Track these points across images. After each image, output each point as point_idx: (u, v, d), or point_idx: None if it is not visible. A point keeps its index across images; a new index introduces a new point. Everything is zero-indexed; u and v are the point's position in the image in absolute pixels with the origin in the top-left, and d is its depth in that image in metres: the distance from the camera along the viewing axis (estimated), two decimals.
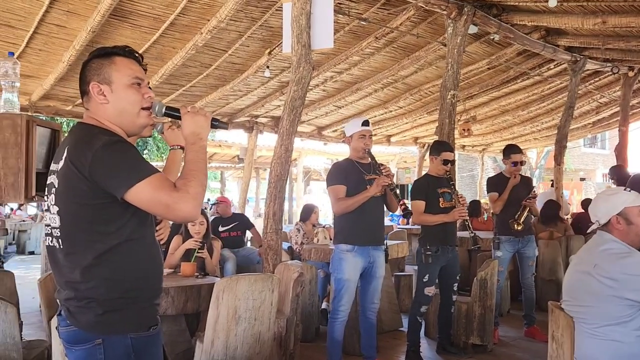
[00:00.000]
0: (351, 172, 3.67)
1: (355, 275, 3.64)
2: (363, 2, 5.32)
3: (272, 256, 4.10)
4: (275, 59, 6.29)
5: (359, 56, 6.68)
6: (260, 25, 5.47)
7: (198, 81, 6.81)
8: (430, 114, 9.20)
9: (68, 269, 1.54)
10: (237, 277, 3.01)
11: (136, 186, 1.46)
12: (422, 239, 4.11)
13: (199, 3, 4.88)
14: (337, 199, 3.64)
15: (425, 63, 7.11)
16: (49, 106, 7.21)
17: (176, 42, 5.59)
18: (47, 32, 5.12)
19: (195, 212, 1.51)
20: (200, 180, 1.54)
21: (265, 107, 8.39)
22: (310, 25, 4.10)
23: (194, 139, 1.64)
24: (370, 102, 8.71)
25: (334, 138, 10.55)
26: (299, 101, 4.12)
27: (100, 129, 1.58)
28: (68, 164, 1.51)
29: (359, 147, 3.71)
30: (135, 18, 5.01)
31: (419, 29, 6.00)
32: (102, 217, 1.51)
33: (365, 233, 3.62)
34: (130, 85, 1.63)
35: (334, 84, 7.69)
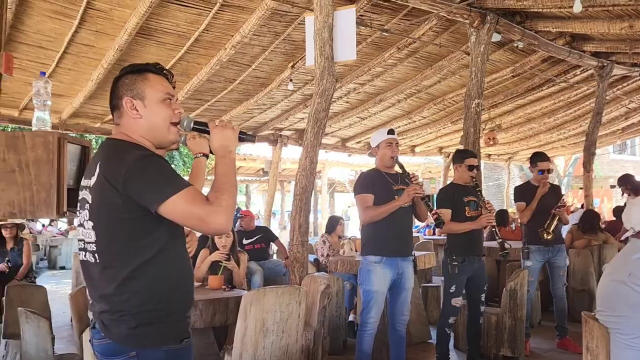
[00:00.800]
0: (379, 182, 3.65)
1: (384, 287, 3.60)
2: (385, 14, 5.34)
3: (299, 268, 4.10)
4: (298, 72, 6.34)
5: (382, 67, 6.68)
6: (283, 39, 5.52)
7: (223, 96, 6.90)
8: (455, 124, 9.12)
9: (103, 282, 1.57)
10: (264, 290, 3.02)
11: (170, 200, 1.48)
12: (448, 250, 4.06)
13: (222, 19, 4.96)
14: (365, 207, 3.62)
15: (448, 72, 7.08)
16: (79, 124, 7.39)
17: (201, 58, 5.69)
18: (76, 52, 5.26)
19: (228, 224, 1.54)
20: (231, 192, 1.57)
21: (289, 120, 8.44)
22: (332, 38, 4.13)
23: (223, 152, 1.66)
24: (394, 112, 8.69)
25: (358, 149, 10.54)
26: (322, 113, 4.14)
27: (131, 144, 1.62)
28: (102, 179, 1.54)
29: (385, 156, 3.70)
30: (161, 35, 5.12)
31: (442, 39, 5.98)
32: (136, 231, 1.54)
33: (394, 244, 3.59)
34: (162, 100, 1.67)
35: (357, 95, 7.70)
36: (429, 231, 9.69)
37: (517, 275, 4.31)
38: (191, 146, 2.11)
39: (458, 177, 4.14)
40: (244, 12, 4.89)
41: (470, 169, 4.03)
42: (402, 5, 5.06)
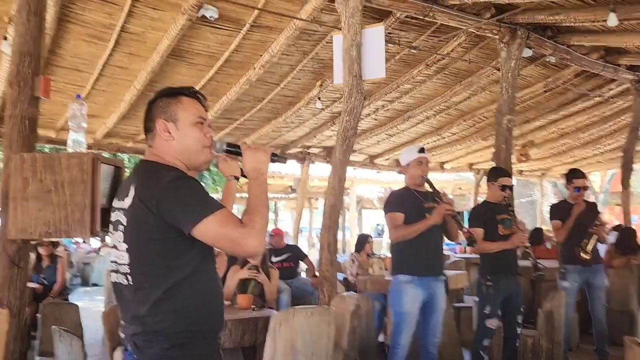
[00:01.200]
0: (409, 201, 3.60)
1: (415, 308, 3.52)
2: (413, 31, 5.33)
3: (328, 288, 4.06)
4: (326, 90, 6.36)
5: (410, 84, 6.66)
6: (311, 58, 5.57)
7: (252, 115, 6.97)
8: (486, 140, 8.99)
9: (136, 304, 1.57)
10: (293, 311, 2.99)
11: (203, 221, 1.48)
12: (481, 269, 3.96)
13: (251, 40, 5.03)
14: (396, 226, 3.57)
15: (478, 88, 7.00)
16: (112, 143, 7.55)
17: (230, 78, 5.77)
18: (110, 74, 5.40)
19: (261, 247, 1.54)
20: (264, 214, 1.58)
21: (317, 137, 8.46)
22: (361, 56, 4.13)
23: (256, 174, 1.67)
24: (423, 129, 8.63)
25: (387, 166, 10.48)
26: (351, 131, 4.12)
27: (165, 166, 1.63)
28: (136, 200, 1.55)
29: (416, 175, 3.64)
30: (192, 57, 5.22)
31: (471, 55, 5.93)
32: (170, 252, 1.54)
33: (425, 263, 3.51)
34: (194, 123, 1.68)
35: (386, 112, 7.68)
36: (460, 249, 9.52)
37: (554, 296, 4.17)
38: (222, 168, 2.13)
39: (491, 195, 4.06)
40: (272, 32, 4.95)
41: (503, 188, 3.94)
42: (431, 22, 5.05)
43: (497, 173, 4.08)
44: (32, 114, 3.01)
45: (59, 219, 2.75)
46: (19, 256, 2.92)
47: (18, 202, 2.78)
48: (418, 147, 3.75)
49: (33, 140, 3.03)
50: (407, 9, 4.53)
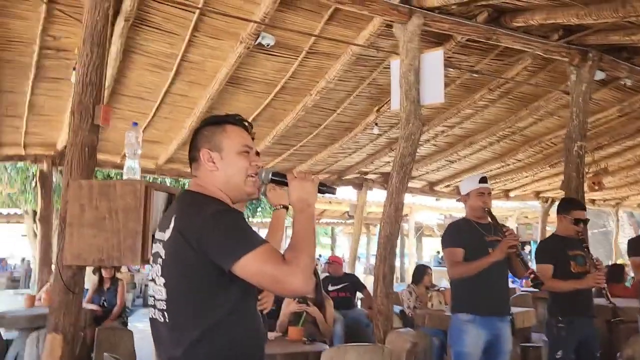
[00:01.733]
0: (470, 233, 3.37)
1: (477, 349, 3.26)
2: (474, 55, 5.14)
3: (383, 322, 3.88)
4: (383, 115, 6.25)
5: (472, 109, 6.43)
6: (369, 83, 5.49)
7: (308, 141, 6.95)
8: (553, 167, 8.53)
9: (171, 344, 1.49)
10: (345, 348, 2.85)
11: (244, 258, 1.40)
12: (552, 309, 3.64)
13: (308, 66, 5.02)
14: (454, 262, 3.35)
15: (545, 113, 6.66)
16: (173, 169, 7.75)
17: (287, 104, 5.78)
18: (171, 102, 5.54)
19: (306, 286, 1.42)
20: (309, 251, 1.47)
21: (375, 163, 8.33)
22: (419, 81, 4.01)
23: (302, 206, 1.57)
24: (485, 155, 8.30)
25: (447, 193, 10.17)
26: (408, 158, 3.98)
27: (208, 197, 1.57)
28: (176, 233, 1.49)
29: (477, 206, 3.42)
30: (249, 84, 5.27)
31: (538, 78, 5.65)
32: (209, 289, 1.46)
33: (489, 302, 3.26)
34: (239, 153, 1.62)
35: (446, 138, 7.46)
36: (527, 282, 8.99)
37: (636, 340, 3.77)
38: (271, 198, 2.09)
39: (562, 228, 3.74)
40: (329, 58, 4.92)
41: (576, 222, 3.62)
42: (494, 46, 4.85)
43: (570, 205, 3.78)
44: (91, 142, 3.08)
45: (111, 246, 2.77)
46: (73, 282, 2.95)
47: (74, 228, 2.83)
48: (479, 176, 3.53)
49: (92, 166, 3.09)
50: (468, 33, 4.37)
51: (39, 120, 6.01)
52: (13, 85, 5.12)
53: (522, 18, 4.25)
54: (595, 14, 3.86)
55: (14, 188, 9.40)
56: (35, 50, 4.50)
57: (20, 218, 15.54)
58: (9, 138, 6.53)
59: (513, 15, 4.30)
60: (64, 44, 4.47)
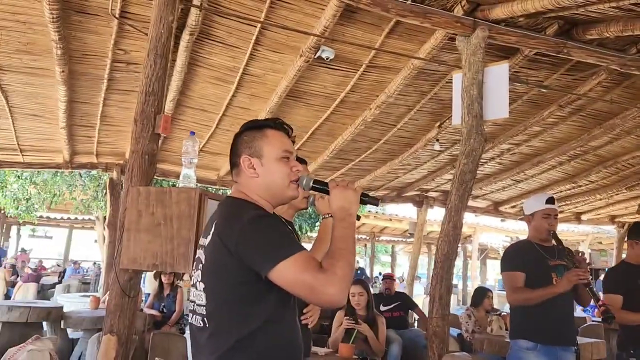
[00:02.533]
0: (532, 256, 3.16)
1: None
2: (544, 69, 4.91)
3: (438, 345, 3.71)
4: (445, 131, 6.09)
5: (540, 126, 6.13)
6: (430, 98, 5.37)
7: (367, 155, 6.89)
8: (631, 190, 7.99)
9: (208, 351, 1.47)
10: None
11: (280, 265, 1.37)
12: (622, 340, 3.37)
13: (368, 80, 4.98)
14: (514, 288, 3.14)
15: (621, 132, 6.25)
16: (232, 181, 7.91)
17: (346, 118, 5.75)
18: (232, 114, 5.67)
19: (342, 296, 1.36)
20: (348, 260, 1.41)
21: (436, 181, 8.13)
22: (482, 95, 3.86)
23: (343, 215, 1.53)
24: (555, 175, 7.90)
25: (512, 214, 9.75)
26: (469, 175, 3.83)
27: (248, 203, 1.56)
28: (216, 238, 1.48)
29: (541, 228, 3.21)
30: (309, 98, 5.29)
31: (613, 94, 5.31)
32: (247, 297, 1.44)
33: (552, 330, 3.03)
34: (280, 158, 1.60)
35: (512, 156, 7.16)
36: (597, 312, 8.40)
37: None
38: (319, 206, 2.09)
39: (633, 255, 3.46)
40: (390, 72, 4.86)
41: None
42: (564, 60, 4.62)
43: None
44: (151, 150, 3.17)
45: (165, 252, 2.82)
46: (129, 286, 3.03)
47: (132, 233, 2.91)
48: (546, 196, 3.31)
49: (151, 174, 3.18)
50: (536, 46, 4.17)
51: (110, 130, 6.32)
52: (87, 97, 5.42)
53: (595, 30, 4.01)
54: None
55: (87, 195, 9.93)
56: (107, 64, 4.74)
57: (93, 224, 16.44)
58: (83, 147, 6.91)
59: (586, 28, 4.07)
60: (134, 58, 4.68)
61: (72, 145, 6.68)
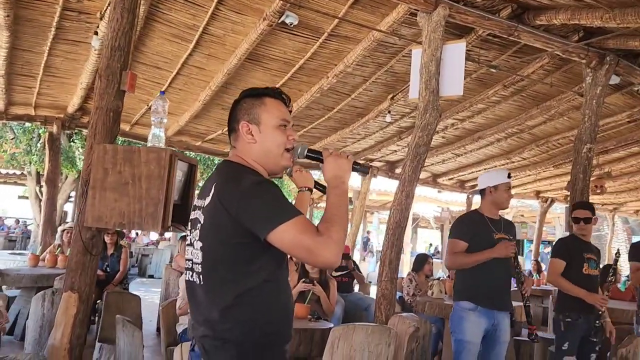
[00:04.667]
0: (479, 228, 3.41)
1: (477, 338, 3.34)
2: (493, 50, 5.16)
3: (386, 306, 3.96)
4: (397, 104, 6.27)
5: (484, 104, 6.46)
6: (386, 70, 5.50)
7: (319, 123, 6.98)
8: (557, 168, 8.60)
9: (207, 306, 1.54)
10: (353, 326, 2.91)
11: (280, 227, 1.44)
12: (561, 304, 3.77)
13: (328, 49, 5.03)
14: (454, 253, 3.41)
15: (556, 113, 6.70)
16: (181, 141, 7.77)
17: (303, 85, 5.79)
18: (187, 74, 5.55)
19: (337, 258, 1.47)
20: (342, 225, 1.51)
21: (382, 151, 8.37)
22: (439, 71, 4.03)
23: (336, 182, 1.61)
24: (492, 151, 8.36)
25: (449, 186, 10.23)
26: (423, 147, 4.02)
27: (246, 169, 1.61)
28: (216, 201, 1.53)
29: (502, 200, 3.46)
30: (267, 62, 5.28)
31: (553, 78, 5.67)
32: (243, 257, 1.51)
33: (490, 294, 3.33)
34: (277, 126, 1.65)
35: (455, 131, 7.50)
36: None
37: (630, 341, 3.86)
38: (296, 179, 2.11)
39: None
40: (350, 42, 4.93)
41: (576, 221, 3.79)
42: (513, 42, 4.87)
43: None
44: (116, 107, 3.11)
45: (133, 211, 2.82)
46: (92, 243, 3.00)
47: (97, 191, 2.87)
48: (506, 171, 3.55)
49: (115, 132, 3.12)
50: (491, 27, 4.38)
51: (53, 81, 6.01)
52: (31, 45, 5.11)
53: (545, 16, 4.26)
54: (619, 18, 3.87)
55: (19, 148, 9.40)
56: (57, 11, 4.49)
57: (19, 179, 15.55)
58: (20, 97, 6.53)
59: (537, 13, 4.31)
60: (87, 7, 4.47)
61: (8, 95, 6.30)
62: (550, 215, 13.53)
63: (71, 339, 2.96)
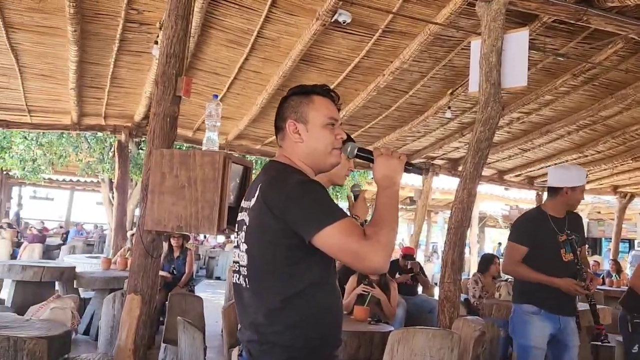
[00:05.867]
0: (542, 230, 3.16)
1: (543, 343, 3.11)
2: (560, 37, 4.86)
3: (450, 308, 3.80)
4: (457, 99, 6.07)
5: (552, 95, 6.11)
6: (444, 65, 5.33)
7: (377, 122, 6.88)
8: (636, 160, 8.01)
9: (253, 309, 1.51)
10: (414, 330, 2.81)
11: (325, 230, 1.39)
12: (629, 305, 3.48)
13: (383, 45, 4.93)
14: (513, 261, 3.19)
15: (633, 102, 6.23)
16: (242, 145, 7.91)
17: (359, 84, 5.72)
18: (244, 78, 5.62)
19: (385, 263, 1.39)
20: (391, 228, 1.43)
21: (443, 149, 8.13)
22: (501, 62, 3.84)
23: (387, 183, 1.54)
24: (562, 145, 7.91)
25: (517, 183, 9.79)
26: (485, 143, 3.84)
27: (292, 168, 1.57)
28: (261, 202, 1.49)
29: (576, 202, 3.21)
30: (322, 62, 5.25)
31: (628, 64, 5.28)
32: (290, 259, 1.46)
33: (555, 299, 3.08)
34: (325, 125, 1.60)
35: (521, 125, 7.15)
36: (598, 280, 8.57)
37: None
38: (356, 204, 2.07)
39: None
40: (405, 37, 4.80)
41: None
42: (582, 27, 4.56)
43: None
44: (173, 112, 3.16)
45: (189, 214, 2.85)
46: (152, 247, 3.07)
47: (156, 195, 2.93)
48: (585, 171, 3.30)
49: (172, 137, 3.18)
50: (556, 13, 4.12)
51: (119, 92, 6.28)
52: (98, 58, 5.35)
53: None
54: None
55: (93, 157, 9.93)
56: (120, 24, 4.67)
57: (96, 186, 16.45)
58: (91, 108, 6.87)
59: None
60: (147, 18, 4.62)
61: (80, 106, 6.64)
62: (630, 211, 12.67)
63: (135, 339, 3.04)
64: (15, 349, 2.25)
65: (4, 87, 6.08)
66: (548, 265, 3.08)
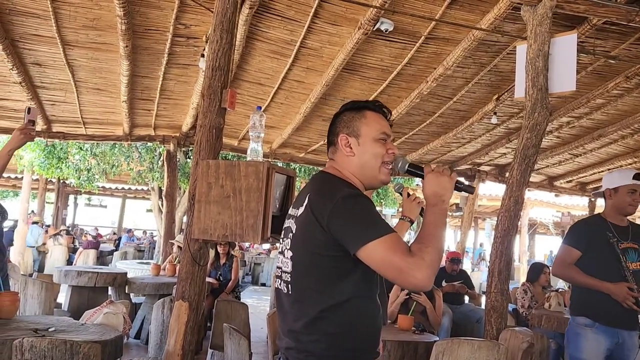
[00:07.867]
0: (599, 236, 3.04)
1: (597, 358, 2.99)
2: (611, 39, 4.69)
3: (497, 319, 3.72)
4: (503, 104, 5.95)
5: (604, 99, 5.89)
6: (489, 70, 5.24)
7: (421, 129, 6.82)
8: None
9: (293, 316, 1.54)
10: (459, 341, 2.77)
11: (370, 244, 1.40)
12: None
13: (426, 52, 4.90)
14: (564, 263, 3.08)
15: None
16: (286, 153, 8.01)
17: (402, 91, 5.70)
18: (288, 88, 5.71)
19: (429, 281, 1.38)
20: (437, 246, 1.42)
21: (489, 155, 7.97)
22: (548, 67, 3.75)
23: (436, 201, 1.53)
24: (615, 150, 7.60)
25: (568, 190, 9.47)
26: (532, 150, 3.75)
27: (342, 181, 1.58)
28: (308, 211, 1.52)
29: (624, 204, 3.05)
30: (364, 70, 5.27)
31: None
32: (333, 270, 1.48)
33: (614, 311, 2.93)
34: (376, 139, 1.61)
35: (571, 129, 6.93)
36: None
37: None
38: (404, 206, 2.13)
39: None
40: (448, 44, 4.76)
41: None
42: (635, 29, 4.40)
43: None
44: (218, 124, 3.25)
45: (234, 223, 2.92)
46: (199, 255, 3.16)
47: (202, 205, 3.02)
48: (633, 171, 3.13)
49: (218, 148, 3.27)
50: (606, 14, 3.99)
51: (168, 103, 6.50)
52: (148, 71, 5.57)
53: None
54: None
55: (144, 166, 10.30)
56: (168, 38, 4.84)
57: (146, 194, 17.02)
58: (142, 120, 7.13)
59: None
60: (194, 32, 4.77)
61: (131, 118, 6.91)
62: None
63: (183, 345, 3.12)
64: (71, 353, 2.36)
65: (61, 101, 6.40)
66: (604, 272, 2.96)
